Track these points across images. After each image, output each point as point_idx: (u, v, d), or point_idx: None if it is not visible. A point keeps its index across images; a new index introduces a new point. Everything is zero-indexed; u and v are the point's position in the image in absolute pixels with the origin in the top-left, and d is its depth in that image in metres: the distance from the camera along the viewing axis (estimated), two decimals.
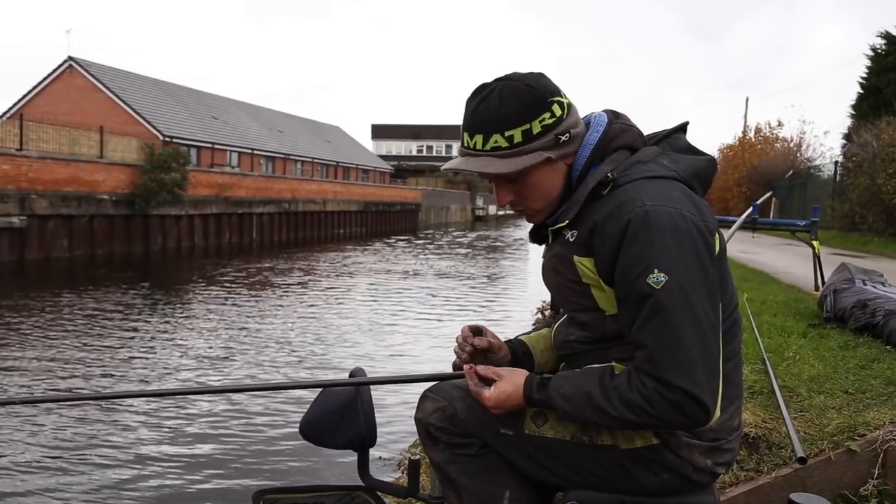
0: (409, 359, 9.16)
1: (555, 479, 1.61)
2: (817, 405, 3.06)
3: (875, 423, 2.73)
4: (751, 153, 38.83)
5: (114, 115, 32.30)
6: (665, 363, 1.35)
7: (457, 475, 1.65)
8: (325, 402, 1.83)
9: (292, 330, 10.98)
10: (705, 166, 1.59)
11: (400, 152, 79.76)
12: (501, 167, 1.51)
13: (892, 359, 3.83)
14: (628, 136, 1.59)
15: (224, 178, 29.38)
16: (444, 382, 1.74)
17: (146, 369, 8.39)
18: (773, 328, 4.88)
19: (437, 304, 14.28)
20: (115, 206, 22.65)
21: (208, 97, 43.43)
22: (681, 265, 1.37)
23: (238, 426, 6.37)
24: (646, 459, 1.51)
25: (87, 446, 5.87)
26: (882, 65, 25.65)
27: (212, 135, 37.85)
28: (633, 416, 1.39)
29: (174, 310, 12.76)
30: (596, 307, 1.53)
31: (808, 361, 3.82)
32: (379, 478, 1.95)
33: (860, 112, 26.04)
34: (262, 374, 8.29)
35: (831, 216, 20.52)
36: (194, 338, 10.19)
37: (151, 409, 6.69)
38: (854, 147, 20.04)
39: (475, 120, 1.52)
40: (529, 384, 1.53)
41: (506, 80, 1.53)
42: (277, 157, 43.55)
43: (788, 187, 28.60)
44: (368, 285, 17.07)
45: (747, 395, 3.28)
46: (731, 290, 1.55)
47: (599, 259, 1.47)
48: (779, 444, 2.82)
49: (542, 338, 1.81)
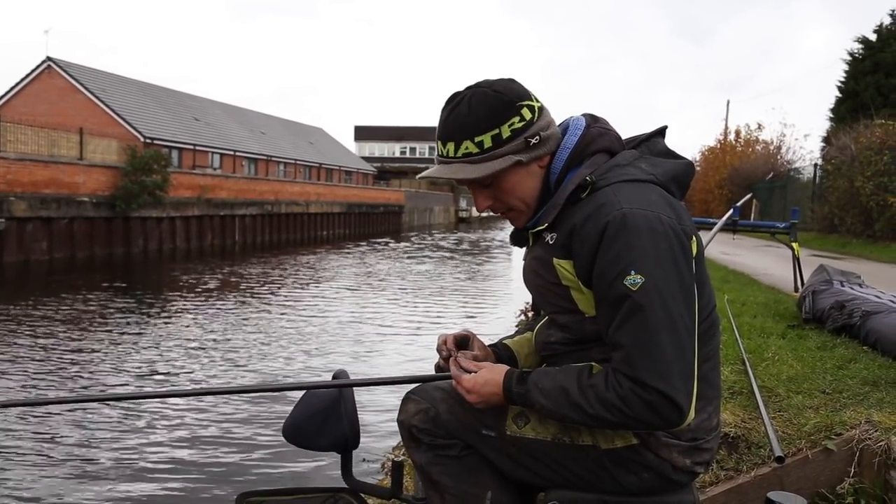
0: (392, 361, 9.16)
1: (536, 480, 1.63)
2: (795, 405, 3.10)
3: (851, 423, 2.77)
4: (732, 155, 39.20)
5: (93, 116, 32.02)
6: (641, 364, 1.37)
7: (439, 476, 1.66)
8: (309, 405, 1.83)
9: (275, 332, 10.94)
10: (683, 170, 1.61)
11: (383, 154, 79.62)
12: (473, 172, 1.53)
13: (868, 359, 3.88)
14: (606, 139, 1.61)
15: (206, 180, 29.20)
16: (426, 384, 1.76)
17: (127, 372, 8.32)
18: (753, 329, 4.93)
19: (420, 306, 14.28)
20: (95, 208, 22.45)
21: (190, 98, 43.17)
22: (657, 267, 1.39)
23: (221, 429, 6.35)
24: (626, 459, 1.53)
25: (65, 451, 5.82)
26: (859, 69, 26.03)
27: (193, 136, 37.62)
28: (608, 415, 1.41)
29: (155, 313, 12.67)
30: (576, 309, 1.55)
31: (787, 362, 3.87)
32: (362, 479, 1.95)
33: (839, 115, 26.40)
34: (245, 377, 8.25)
35: (811, 218, 20.74)
36: (176, 341, 10.13)
37: (133, 413, 6.65)
38: (833, 150, 20.27)
39: (447, 128, 1.55)
40: (509, 377, 1.55)
41: (475, 88, 1.55)
42: (260, 159, 43.37)
43: (769, 189, 28.88)
44: (351, 287, 17.04)
45: (727, 395, 3.32)
46: (708, 292, 1.57)
47: (578, 261, 1.49)
48: (758, 444, 2.85)
49: (526, 341, 1.83)
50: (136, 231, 24.35)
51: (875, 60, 25.32)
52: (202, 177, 29.51)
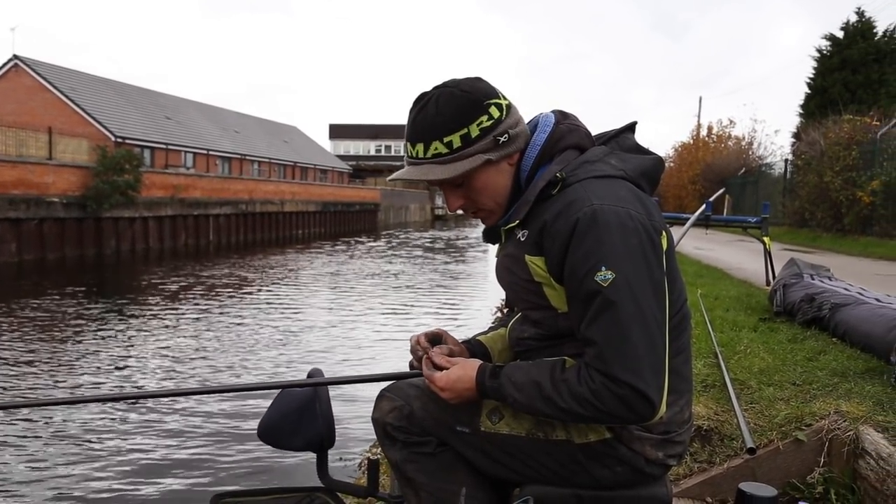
0: (367, 359, 9.15)
1: (511, 475, 1.64)
2: (767, 397, 3.14)
3: (821, 414, 2.82)
4: (704, 151, 39.61)
5: (63, 115, 31.52)
6: (613, 359, 1.37)
7: (414, 473, 1.67)
8: (283, 404, 1.83)
9: (249, 332, 10.86)
10: (652, 165, 1.62)
11: (358, 152, 79.25)
12: (443, 173, 1.53)
13: (837, 351, 3.95)
14: (576, 135, 1.61)
15: (179, 180, 28.90)
16: (400, 382, 1.76)
17: (100, 374, 8.22)
18: (725, 323, 4.99)
19: (395, 303, 14.26)
20: (65, 208, 22.12)
21: (161, 97, 42.68)
22: (628, 263, 1.40)
23: (195, 429, 6.29)
24: (599, 453, 1.55)
25: (38, 452, 5.74)
26: (827, 66, 26.44)
27: (165, 135, 37.20)
28: (581, 409, 1.42)
29: (128, 314, 12.52)
30: (548, 305, 1.56)
31: (759, 355, 3.92)
32: (338, 478, 1.95)
33: (808, 111, 26.80)
34: (219, 377, 8.19)
35: (782, 213, 21.04)
36: (149, 342, 10.02)
37: (106, 414, 6.57)
38: (802, 145, 20.57)
39: (415, 129, 1.55)
40: (482, 372, 1.55)
41: (442, 88, 1.55)
42: (234, 158, 43.00)
43: (741, 185, 29.23)
44: (326, 286, 16.98)
45: (700, 388, 3.36)
46: (679, 286, 1.59)
47: (550, 257, 1.49)
48: (730, 436, 2.89)
49: (500, 337, 1.83)
50: (108, 231, 24.03)
51: (842, 57, 25.72)
52: (175, 176, 29.20)
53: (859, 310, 4.23)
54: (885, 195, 15.12)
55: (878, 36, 25.72)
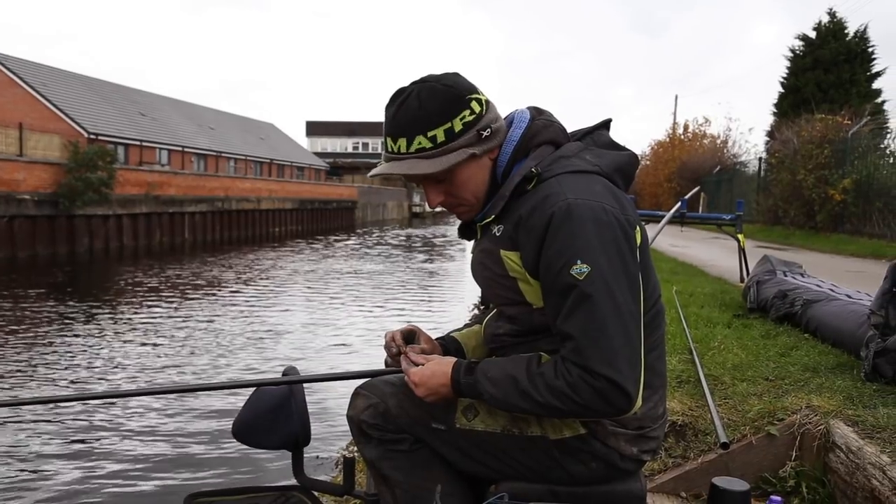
0: (343, 357, 9.12)
1: (487, 472, 1.64)
2: (740, 392, 3.18)
3: (793, 408, 2.85)
4: (680, 149, 39.96)
5: (34, 111, 31.03)
6: (589, 352, 1.38)
7: (390, 471, 1.66)
8: (258, 402, 1.81)
9: (224, 330, 10.78)
10: (627, 161, 1.63)
11: (335, 149, 78.91)
12: (428, 167, 1.52)
13: (809, 346, 4.01)
14: (551, 131, 1.62)
15: (153, 177, 28.57)
16: (375, 379, 1.75)
17: (71, 373, 8.11)
18: (700, 319, 5.04)
19: (371, 300, 14.23)
20: (37, 206, 21.79)
21: (136, 93, 42.20)
22: (603, 257, 1.41)
23: (169, 428, 6.24)
24: (574, 449, 1.55)
25: (10, 451, 5.65)
26: (800, 65, 26.82)
27: (140, 132, 36.77)
28: (558, 403, 1.42)
29: (101, 313, 12.36)
30: (523, 300, 1.56)
31: (733, 350, 3.97)
32: (314, 477, 1.94)
33: (781, 110, 27.16)
34: (194, 375, 8.12)
35: (756, 210, 21.28)
36: (122, 341, 9.91)
37: (77, 413, 6.49)
38: (776, 144, 20.83)
39: (397, 123, 1.53)
40: (457, 368, 1.55)
41: (422, 83, 1.54)
42: (209, 155, 42.63)
43: (716, 182, 29.53)
44: (302, 284, 16.89)
45: (675, 384, 3.39)
46: (653, 282, 1.60)
47: (525, 252, 1.49)
48: (704, 431, 2.92)
49: (474, 334, 1.83)
50: (81, 229, 23.70)
51: (815, 57, 26.10)
52: (150, 173, 28.87)
53: (830, 306, 4.30)
54: (855, 193, 15.35)
55: (849, 36, 26.12)
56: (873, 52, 26.01)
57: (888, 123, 18.59)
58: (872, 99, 24.77)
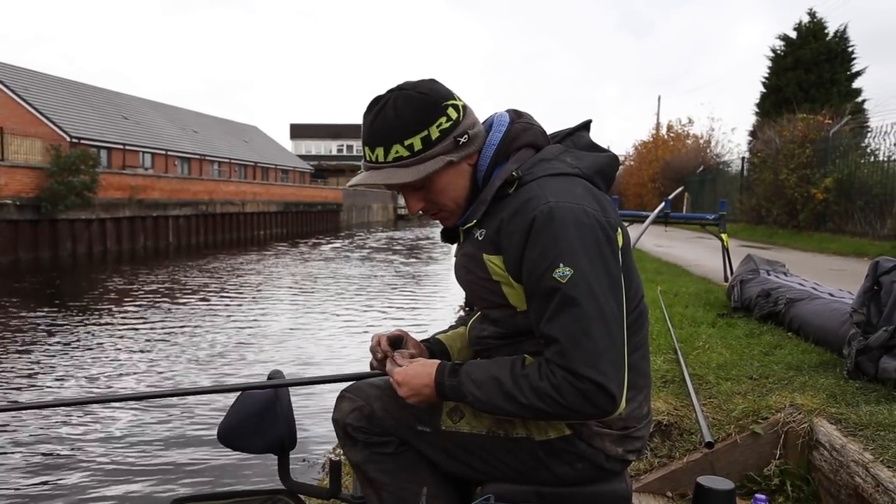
0: (329, 361, 9.09)
1: (472, 474, 1.64)
2: (725, 391, 3.20)
3: (777, 407, 2.87)
4: (664, 150, 40.15)
5: (15, 115, 30.72)
6: (573, 354, 1.38)
7: (376, 474, 1.66)
8: (244, 406, 1.81)
9: (209, 334, 10.72)
10: (607, 163, 1.64)
11: (320, 152, 78.68)
12: (406, 176, 1.52)
13: (792, 345, 4.03)
14: (530, 134, 1.62)
15: (137, 180, 28.37)
16: (361, 382, 1.75)
17: (54, 379, 8.03)
18: (684, 319, 5.07)
19: (356, 303, 14.19)
20: (19, 210, 21.59)
21: (118, 97, 41.91)
22: (585, 259, 1.41)
23: (155, 433, 6.19)
24: (559, 450, 1.56)
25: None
26: (781, 65, 27.04)
27: (122, 136, 36.51)
28: (542, 405, 1.42)
29: (85, 318, 12.26)
30: (507, 304, 1.56)
31: (717, 350, 3.99)
32: (300, 480, 1.93)
33: (763, 110, 27.37)
34: (179, 380, 8.07)
35: (740, 210, 21.42)
36: (107, 346, 9.82)
37: (60, 419, 6.42)
38: (759, 143, 20.99)
39: (374, 133, 1.53)
40: (441, 370, 1.55)
41: (398, 91, 1.54)
42: (193, 158, 42.39)
43: (700, 182, 29.70)
44: (287, 287, 16.83)
45: (660, 383, 3.40)
46: (636, 283, 1.60)
47: (507, 256, 1.50)
48: (689, 431, 2.94)
49: (459, 336, 1.83)
50: (64, 234, 23.51)
51: (796, 57, 26.32)
52: (133, 177, 28.66)
53: (813, 304, 4.33)
54: (837, 192, 15.49)
55: (829, 36, 26.36)
56: (853, 52, 26.27)
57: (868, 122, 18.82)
58: (853, 98, 25.00)
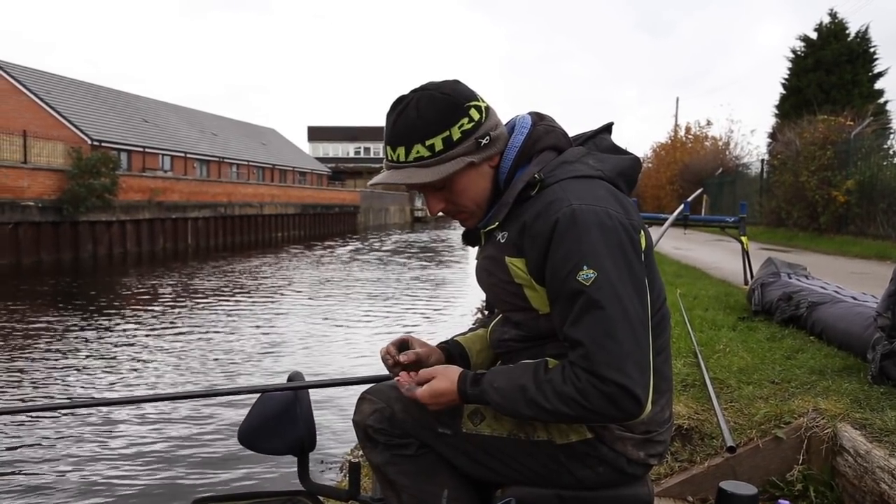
0: (348, 362, 9.10)
1: (493, 477, 1.63)
2: (746, 395, 3.17)
3: (799, 411, 2.84)
4: (682, 152, 39.93)
5: (38, 118, 31.08)
6: (598, 357, 1.37)
7: (396, 476, 1.66)
8: (264, 408, 1.82)
9: (229, 336, 10.78)
10: (629, 165, 1.63)
11: (337, 154, 79.00)
12: (426, 176, 1.52)
13: (814, 349, 3.99)
14: (553, 136, 1.61)
15: (156, 183, 28.64)
16: (381, 384, 1.75)
17: (77, 381, 8.11)
18: (704, 322, 5.03)
19: (375, 305, 14.22)
20: (41, 212, 21.85)
21: (138, 100, 42.29)
22: (609, 261, 1.40)
23: (176, 434, 6.24)
24: (581, 454, 1.54)
25: (15, 459, 5.65)
26: (801, 66, 26.79)
27: (142, 138, 36.84)
28: (567, 409, 1.41)
29: (106, 319, 12.38)
30: (529, 307, 1.55)
31: (738, 353, 3.95)
32: (320, 482, 1.94)
33: (783, 111, 27.14)
34: (200, 381, 8.12)
35: (759, 212, 21.25)
36: (128, 347, 9.91)
37: (84, 421, 6.49)
38: (778, 145, 20.81)
39: (396, 133, 1.53)
40: (463, 380, 1.54)
41: (421, 91, 1.54)
42: (212, 161, 42.68)
43: (718, 185, 29.50)
44: (306, 289, 16.89)
45: (681, 387, 3.38)
46: (658, 286, 1.59)
47: (530, 259, 1.49)
48: (710, 435, 2.91)
49: (479, 338, 1.83)
50: (85, 235, 23.77)
51: (816, 58, 26.07)
52: (153, 179, 28.94)
53: (836, 308, 4.28)
54: (859, 194, 15.32)
55: (850, 37, 26.09)
56: (875, 53, 26.00)
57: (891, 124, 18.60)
58: (875, 99, 24.75)
